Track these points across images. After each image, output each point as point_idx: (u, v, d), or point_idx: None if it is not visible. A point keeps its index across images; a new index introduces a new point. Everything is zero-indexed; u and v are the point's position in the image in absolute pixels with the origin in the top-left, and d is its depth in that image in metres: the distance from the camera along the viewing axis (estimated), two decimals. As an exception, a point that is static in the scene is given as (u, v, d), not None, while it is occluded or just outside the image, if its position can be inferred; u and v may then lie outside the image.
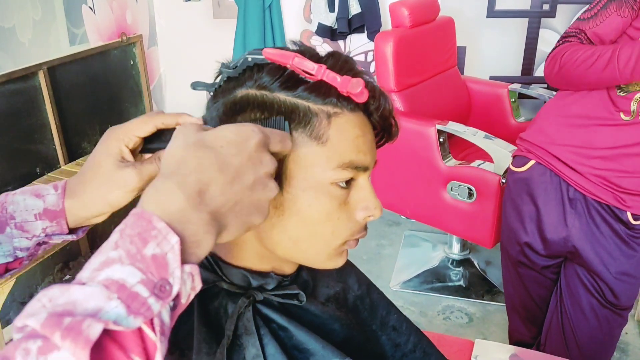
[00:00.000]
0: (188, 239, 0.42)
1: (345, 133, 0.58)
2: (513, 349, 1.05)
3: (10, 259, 0.61)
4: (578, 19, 1.33)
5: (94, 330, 0.35)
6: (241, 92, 0.60)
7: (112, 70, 2.69)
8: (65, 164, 2.38)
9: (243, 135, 0.49)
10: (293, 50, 0.60)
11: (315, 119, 0.57)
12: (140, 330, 0.38)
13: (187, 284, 0.41)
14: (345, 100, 0.58)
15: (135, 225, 0.41)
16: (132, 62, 2.81)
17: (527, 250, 1.49)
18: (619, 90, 1.26)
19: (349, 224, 0.60)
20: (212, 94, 0.64)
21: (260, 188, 0.49)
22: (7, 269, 0.61)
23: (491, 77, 2.84)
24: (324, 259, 0.62)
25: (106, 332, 0.36)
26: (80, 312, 0.36)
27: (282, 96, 0.58)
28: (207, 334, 0.59)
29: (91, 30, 2.52)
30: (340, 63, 0.59)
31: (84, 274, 0.39)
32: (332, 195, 0.58)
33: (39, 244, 0.60)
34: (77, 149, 2.49)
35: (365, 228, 0.63)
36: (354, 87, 0.57)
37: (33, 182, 2.21)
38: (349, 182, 0.60)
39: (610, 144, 1.30)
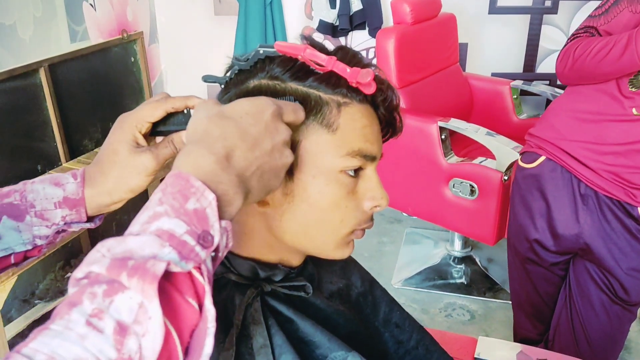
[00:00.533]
0: (221, 198, 0.46)
1: (355, 122, 0.60)
2: (517, 346, 1.04)
3: (30, 247, 0.61)
4: (589, 15, 1.32)
5: (159, 267, 0.39)
6: (253, 83, 0.61)
7: (113, 67, 2.68)
8: (67, 162, 2.38)
9: (259, 106, 0.52)
10: (304, 44, 0.61)
11: (326, 107, 0.59)
12: (190, 275, 0.41)
13: (223, 237, 0.45)
14: (354, 92, 0.61)
15: (175, 184, 0.44)
16: (133, 59, 2.80)
17: (536, 247, 1.48)
18: (630, 86, 1.25)
19: (356, 213, 0.62)
20: (223, 86, 0.65)
21: (277, 155, 0.52)
22: (25, 256, 0.62)
23: (493, 74, 2.83)
24: (332, 247, 0.63)
25: (163, 276, 0.39)
26: (137, 258, 0.40)
27: (294, 86, 0.60)
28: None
29: (92, 27, 2.52)
30: (350, 56, 0.62)
31: (134, 227, 0.42)
32: (341, 182, 0.60)
33: (57, 232, 0.61)
34: (78, 146, 2.48)
35: (372, 219, 0.65)
36: (363, 77, 0.59)
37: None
38: (357, 172, 0.62)
39: (622, 140, 1.29)
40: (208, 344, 0.40)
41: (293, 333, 0.63)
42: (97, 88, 2.59)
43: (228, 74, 0.64)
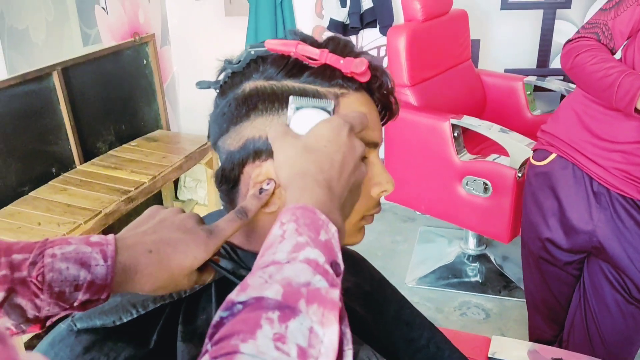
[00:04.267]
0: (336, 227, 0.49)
1: (360, 111, 0.61)
2: (531, 345, 1.03)
3: (32, 325, 0.53)
4: (600, 9, 1.31)
5: (334, 295, 0.42)
6: (249, 86, 0.61)
7: (125, 69, 2.70)
8: (81, 164, 2.40)
9: (335, 129, 0.54)
10: (294, 39, 0.61)
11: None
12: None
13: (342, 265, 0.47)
14: (350, 81, 0.61)
15: (305, 216, 0.47)
16: (145, 61, 2.82)
17: (549, 246, 1.46)
18: None
19: (364, 200, 0.63)
20: (218, 90, 0.64)
21: (358, 172, 0.55)
22: (23, 331, 0.53)
23: (506, 70, 2.80)
24: (344, 236, 0.63)
25: None
26: (297, 285, 0.42)
27: (290, 83, 0.60)
28: None
29: (104, 30, 2.54)
30: (341, 46, 0.62)
31: (279, 255, 0.44)
32: None
33: (66, 309, 0.53)
34: (92, 149, 2.50)
35: (379, 204, 0.66)
36: (358, 67, 0.59)
37: (49, 182, 2.22)
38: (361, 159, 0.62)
39: (632, 138, 1.27)
40: None
41: None
42: (109, 91, 2.61)
43: (221, 78, 0.64)
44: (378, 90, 0.64)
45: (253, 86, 0.61)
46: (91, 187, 2.19)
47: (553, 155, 1.41)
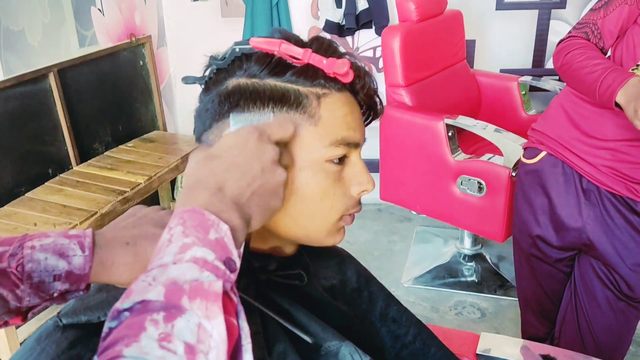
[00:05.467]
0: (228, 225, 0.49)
1: (335, 112, 0.61)
2: (521, 342, 1.03)
3: (13, 316, 0.54)
4: (591, 9, 1.33)
5: (217, 286, 0.42)
6: (232, 83, 0.62)
7: (122, 71, 2.71)
8: (77, 165, 2.40)
9: (241, 136, 0.55)
10: (279, 38, 0.61)
11: (306, 100, 0.60)
12: (226, 295, 0.44)
13: (238, 263, 0.48)
14: (332, 81, 0.61)
15: (193, 218, 0.47)
16: (141, 62, 2.83)
17: (539, 243, 1.47)
18: None
19: (345, 199, 0.63)
20: (203, 86, 0.65)
21: (269, 175, 0.54)
22: (6, 322, 0.55)
23: (501, 70, 2.81)
24: (324, 235, 0.65)
25: None
26: (182, 283, 0.42)
27: (272, 82, 0.61)
28: None
29: (100, 31, 2.54)
30: (325, 46, 0.62)
31: (166, 258, 0.45)
32: (328, 171, 0.61)
33: (46, 300, 0.55)
34: (88, 150, 2.51)
35: (359, 203, 0.66)
36: (340, 68, 0.60)
37: (45, 182, 2.23)
38: (341, 159, 0.63)
39: (620, 136, 1.28)
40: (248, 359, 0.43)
41: (288, 322, 0.64)
42: (106, 92, 2.61)
43: (207, 74, 0.64)
44: (361, 90, 0.64)
45: (236, 83, 0.61)
46: (87, 188, 2.20)
47: (543, 153, 1.42)
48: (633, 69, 1.22)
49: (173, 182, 3.03)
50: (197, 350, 0.40)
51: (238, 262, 0.47)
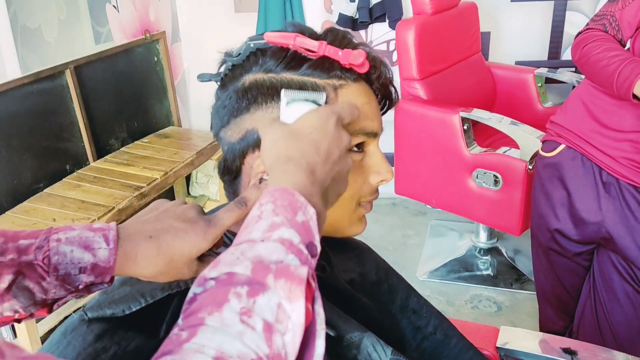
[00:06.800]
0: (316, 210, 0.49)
1: (353, 102, 0.61)
2: (540, 335, 1.03)
3: (39, 308, 0.55)
4: (608, 0, 1.31)
5: (302, 272, 0.43)
6: (249, 78, 0.62)
7: (136, 67, 2.73)
8: (94, 161, 2.43)
9: (322, 118, 0.55)
10: (293, 31, 0.62)
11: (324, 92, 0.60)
12: (306, 280, 0.44)
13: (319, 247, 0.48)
14: (348, 72, 0.62)
15: (283, 197, 0.47)
16: (156, 58, 2.85)
17: (558, 237, 1.46)
18: None
19: (364, 187, 0.65)
20: (219, 83, 0.65)
21: (344, 162, 0.55)
22: (32, 315, 0.55)
23: (517, 62, 2.79)
24: (346, 224, 0.66)
25: None
26: (268, 262, 0.43)
27: (289, 76, 0.61)
28: None
29: (115, 28, 2.56)
30: (340, 38, 0.63)
31: (254, 234, 0.45)
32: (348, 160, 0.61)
33: (72, 293, 0.56)
34: (105, 146, 2.53)
35: (376, 191, 0.67)
36: (356, 59, 0.60)
37: (63, 179, 2.26)
38: (360, 147, 0.64)
39: (639, 127, 1.27)
40: (320, 345, 0.43)
41: None
42: (121, 88, 2.63)
43: (222, 70, 0.65)
44: (377, 80, 0.65)
45: (252, 79, 0.62)
46: (104, 184, 2.22)
47: (562, 146, 1.41)
48: None
49: (188, 177, 3.05)
50: (274, 329, 0.40)
51: (319, 248, 0.47)
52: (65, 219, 1.96)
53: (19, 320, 0.55)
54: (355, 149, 0.63)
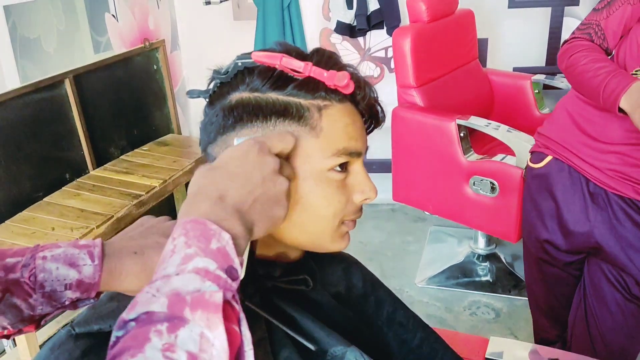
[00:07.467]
0: (231, 235, 0.50)
1: (337, 123, 0.63)
2: (530, 346, 1.03)
3: (27, 324, 0.57)
4: (593, 9, 1.31)
5: (217, 297, 0.44)
6: (235, 97, 0.63)
7: (136, 75, 2.74)
8: (94, 169, 2.44)
9: (242, 148, 0.56)
10: (279, 51, 0.63)
11: (307, 113, 0.62)
12: (228, 304, 0.45)
13: (241, 270, 0.50)
14: (333, 93, 0.63)
15: (195, 228, 0.48)
16: (155, 66, 2.86)
17: (548, 247, 1.47)
18: None
19: (348, 206, 0.65)
20: (207, 100, 0.66)
21: (270, 184, 0.55)
22: (20, 331, 0.57)
23: (515, 69, 2.80)
24: (328, 241, 0.66)
25: None
26: (185, 294, 0.44)
27: (274, 96, 0.62)
28: None
29: (114, 37, 2.58)
30: (325, 58, 0.64)
31: (169, 269, 0.46)
32: (331, 180, 0.63)
33: (58, 308, 0.57)
34: (104, 154, 2.55)
35: (360, 210, 0.67)
36: (340, 80, 0.61)
37: (63, 187, 2.27)
38: (343, 166, 0.64)
39: (626, 140, 1.27)
40: None
41: (292, 328, 0.65)
42: (121, 96, 2.65)
43: (210, 87, 0.66)
44: (362, 101, 0.65)
45: (239, 97, 0.63)
46: (103, 192, 2.23)
47: (549, 158, 1.42)
48: (636, 71, 1.21)
49: (187, 185, 3.06)
50: (199, 359, 0.41)
51: (240, 270, 0.48)
52: (64, 228, 1.97)
53: (7, 337, 0.57)
54: (337, 168, 0.63)
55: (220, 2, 2.89)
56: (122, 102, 2.66)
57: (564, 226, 1.41)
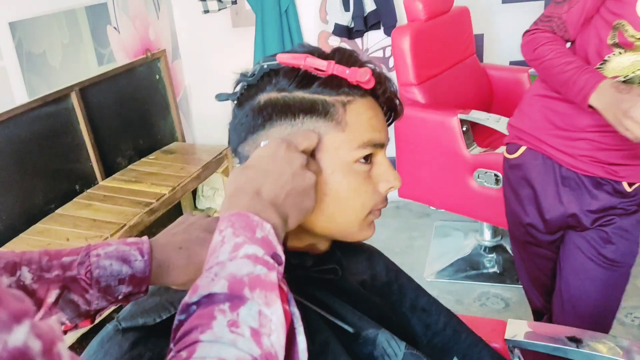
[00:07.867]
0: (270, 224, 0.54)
1: (360, 116, 0.66)
2: (546, 326, 1.07)
3: (84, 319, 0.61)
4: (553, 1, 1.32)
5: (272, 276, 0.49)
6: (264, 97, 0.67)
7: (139, 85, 2.78)
8: (103, 180, 2.48)
9: (271, 147, 0.61)
10: (303, 52, 0.67)
11: (333, 109, 0.66)
12: (277, 285, 0.50)
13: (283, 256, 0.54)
14: (355, 89, 0.67)
15: (240, 220, 0.53)
16: (157, 76, 2.90)
17: (531, 230, 1.51)
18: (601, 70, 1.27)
19: (374, 196, 0.69)
20: (235, 102, 0.70)
21: (300, 179, 0.59)
22: (76, 326, 0.61)
23: (511, 62, 2.83)
24: (356, 230, 0.70)
25: None
26: (240, 276, 0.48)
27: (301, 94, 0.66)
28: None
29: (117, 49, 2.62)
30: (346, 56, 0.68)
31: (222, 257, 0.50)
32: (357, 172, 0.67)
33: (112, 303, 0.62)
34: (112, 164, 2.58)
35: (386, 199, 0.71)
36: (362, 76, 0.65)
37: (74, 199, 2.30)
38: (368, 158, 0.68)
39: (593, 127, 1.30)
40: (301, 341, 0.49)
41: (328, 313, 0.68)
42: (126, 107, 2.69)
43: (237, 89, 0.70)
44: (382, 95, 0.69)
45: (267, 98, 0.67)
46: (114, 202, 2.27)
47: (523, 148, 1.46)
48: (600, 65, 1.24)
49: (194, 192, 3.09)
50: (261, 333, 0.46)
51: (283, 256, 0.53)
52: (78, 238, 2.00)
53: (64, 332, 0.60)
54: (363, 160, 0.67)
55: (219, 10, 2.93)
56: (127, 112, 2.70)
57: (541, 211, 1.45)
